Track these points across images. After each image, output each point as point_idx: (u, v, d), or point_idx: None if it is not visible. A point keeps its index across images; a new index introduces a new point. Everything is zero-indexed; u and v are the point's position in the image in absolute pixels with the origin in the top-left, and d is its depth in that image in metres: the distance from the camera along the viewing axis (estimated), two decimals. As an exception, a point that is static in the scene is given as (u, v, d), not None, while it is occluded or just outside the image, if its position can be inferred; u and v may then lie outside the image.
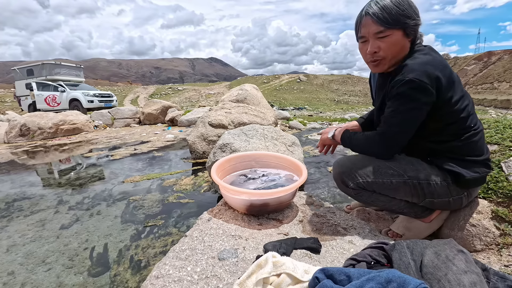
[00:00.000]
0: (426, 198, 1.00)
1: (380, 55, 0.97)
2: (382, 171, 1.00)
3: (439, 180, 0.98)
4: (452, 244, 0.75)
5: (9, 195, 2.15)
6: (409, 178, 0.98)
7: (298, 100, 28.50)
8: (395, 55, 0.96)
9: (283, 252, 0.95)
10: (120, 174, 2.59)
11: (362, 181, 1.01)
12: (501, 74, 33.43)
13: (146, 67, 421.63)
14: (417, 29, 0.95)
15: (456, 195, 1.01)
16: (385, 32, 0.92)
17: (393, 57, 0.97)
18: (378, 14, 0.91)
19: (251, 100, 3.89)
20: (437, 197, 1.00)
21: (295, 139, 2.12)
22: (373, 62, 1.00)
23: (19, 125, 5.16)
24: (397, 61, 0.99)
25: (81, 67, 13.07)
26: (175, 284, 0.82)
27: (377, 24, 0.92)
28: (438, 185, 0.98)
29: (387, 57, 0.96)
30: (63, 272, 1.16)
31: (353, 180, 1.03)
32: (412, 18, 0.92)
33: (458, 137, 0.97)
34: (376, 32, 0.93)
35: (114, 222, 1.60)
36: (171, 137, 4.59)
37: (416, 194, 1.00)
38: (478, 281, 0.62)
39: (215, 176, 1.31)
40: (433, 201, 1.01)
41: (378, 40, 0.94)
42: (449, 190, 1.00)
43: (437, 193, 0.99)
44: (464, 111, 0.95)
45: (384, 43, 0.94)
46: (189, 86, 42.05)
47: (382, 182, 0.99)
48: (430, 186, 0.98)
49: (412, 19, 0.92)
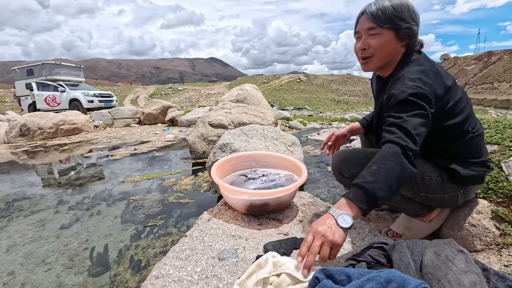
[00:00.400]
0: (421, 192, 1.00)
1: (369, 52, 0.98)
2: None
3: (434, 176, 0.99)
4: (452, 244, 0.75)
5: (9, 195, 2.15)
6: None
7: (298, 100, 28.51)
8: (384, 55, 0.97)
9: (283, 252, 0.95)
10: (120, 174, 2.59)
11: (355, 171, 1.02)
12: (501, 74, 33.44)
13: (146, 67, 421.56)
14: (411, 33, 0.94)
15: (452, 192, 1.01)
16: (376, 29, 0.94)
17: (383, 57, 0.97)
18: (373, 12, 0.94)
19: (251, 100, 3.89)
20: (432, 193, 1.00)
21: (295, 139, 2.12)
22: (362, 59, 1.01)
23: (19, 125, 5.16)
24: (389, 64, 1.00)
25: (81, 67, 13.07)
26: (175, 284, 0.82)
27: (370, 21, 0.94)
28: (433, 181, 0.99)
29: (376, 55, 0.97)
30: (63, 272, 1.16)
31: (348, 170, 1.09)
32: (406, 21, 0.92)
33: (455, 141, 0.97)
34: (367, 28, 0.95)
35: (114, 222, 1.60)
36: (171, 137, 4.60)
37: (410, 187, 1.00)
38: (478, 281, 0.62)
39: (215, 176, 1.31)
40: (428, 196, 1.01)
41: (369, 37, 0.96)
42: (444, 187, 1.00)
43: (431, 189, 1.00)
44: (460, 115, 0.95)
45: (375, 41, 0.95)
46: (189, 86, 42.07)
47: None
48: (424, 181, 0.99)
49: (406, 22, 0.92)
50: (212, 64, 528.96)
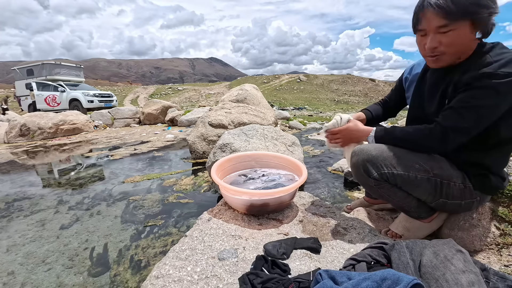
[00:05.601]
0: (441, 198, 0.97)
1: (440, 50, 0.86)
2: (409, 164, 0.94)
3: (458, 182, 0.95)
4: (451, 244, 0.75)
5: (9, 195, 2.15)
6: (433, 176, 0.94)
7: (298, 100, 28.50)
8: (458, 50, 0.85)
9: (283, 252, 0.95)
10: (120, 174, 2.59)
11: (387, 172, 0.94)
12: (501, 74, 33.41)
13: (146, 67, 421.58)
14: (491, 20, 0.80)
15: (469, 198, 0.98)
16: (449, 26, 0.80)
17: (456, 53, 0.86)
18: (442, 4, 0.78)
19: (251, 100, 3.89)
20: (452, 199, 0.97)
21: (295, 139, 2.12)
22: (431, 57, 0.89)
23: (19, 125, 5.16)
24: (461, 56, 0.88)
25: (81, 67, 13.07)
26: (175, 284, 0.82)
27: (440, 16, 0.80)
28: (456, 187, 0.96)
29: (449, 52, 0.86)
30: (63, 272, 1.16)
31: (378, 169, 0.94)
32: (487, 7, 0.77)
33: (498, 148, 0.92)
34: (438, 26, 0.82)
35: (114, 222, 1.60)
36: (171, 137, 4.59)
37: (434, 193, 0.96)
38: (476, 281, 0.62)
39: (215, 176, 1.31)
40: (446, 202, 0.98)
41: (439, 34, 0.83)
42: (463, 193, 0.97)
43: (452, 195, 0.97)
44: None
45: (447, 38, 0.83)
46: (189, 86, 42.05)
47: (407, 176, 0.93)
48: (449, 187, 0.95)
49: (487, 8, 0.77)
50: (212, 64, 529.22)
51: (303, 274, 0.84)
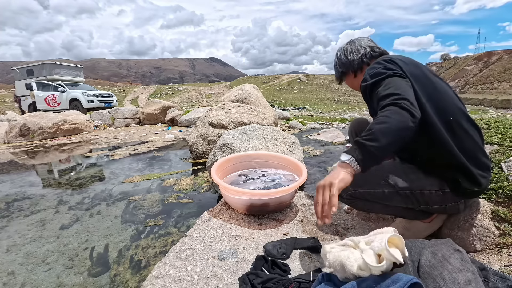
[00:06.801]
0: (421, 205, 1.00)
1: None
2: (373, 181, 0.99)
3: (435, 189, 0.97)
4: (449, 243, 0.75)
5: (9, 195, 2.15)
6: (400, 189, 0.97)
7: (298, 100, 28.50)
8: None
9: (283, 252, 0.95)
10: (120, 174, 2.59)
11: (354, 192, 1.01)
12: (501, 74, 33.40)
13: (146, 67, 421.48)
14: (356, 66, 1.16)
15: (452, 202, 0.99)
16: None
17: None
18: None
19: (251, 100, 3.89)
20: (432, 204, 0.99)
21: (295, 139, 2.12)
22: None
23: (19, 125, 5.16)
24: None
25: (81, 67, 13.06)
26: (175, 284, 0.82)
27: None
28: (433, 194, 0.97)
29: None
30: (63, 272, 1.16)
31: (345, 191, 0.95)
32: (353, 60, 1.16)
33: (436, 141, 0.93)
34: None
35: (114, 222, 1.60)
36: (171, 137, 4.60)
37: (410, 202, 0.99)
38: (473, 279, 0.62)
39: (215, 176, 1.31)
40: (429, 207, 1.00)
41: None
42: (444, 198, 0.98)
43: (432, 201, 0.98)
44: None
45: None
46: (189, 86, 42.04)
47: (374, 192, 0.99)
48: (424, 196, 0.97)
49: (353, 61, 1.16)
50: (212, 64, 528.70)
51: (303, 274, 0.84)
